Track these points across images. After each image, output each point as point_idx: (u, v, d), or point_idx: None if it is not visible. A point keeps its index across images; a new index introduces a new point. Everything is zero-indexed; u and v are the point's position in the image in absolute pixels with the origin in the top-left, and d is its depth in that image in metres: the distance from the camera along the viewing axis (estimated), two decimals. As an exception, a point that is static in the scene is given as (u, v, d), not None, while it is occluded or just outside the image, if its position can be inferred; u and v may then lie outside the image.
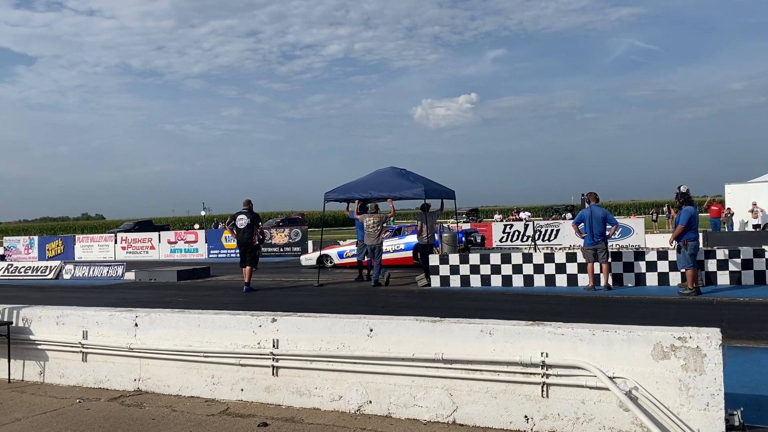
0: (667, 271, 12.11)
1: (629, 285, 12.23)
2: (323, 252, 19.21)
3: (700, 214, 14.19)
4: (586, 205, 12.71)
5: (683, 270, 11.31)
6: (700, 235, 14.01)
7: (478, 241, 18.78)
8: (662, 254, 12.28)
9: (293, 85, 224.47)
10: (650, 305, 10.31)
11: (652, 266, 12.23)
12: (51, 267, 20.31)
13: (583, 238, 12.04)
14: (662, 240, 19.46)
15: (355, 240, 16.81)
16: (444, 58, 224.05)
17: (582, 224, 12.03)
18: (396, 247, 17.79)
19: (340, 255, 18.87)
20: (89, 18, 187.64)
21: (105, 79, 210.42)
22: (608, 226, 12.02)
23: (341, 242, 21.78)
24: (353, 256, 17.33)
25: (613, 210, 77.40)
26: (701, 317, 8.89)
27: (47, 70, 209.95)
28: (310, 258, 20.00)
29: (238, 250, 14.59)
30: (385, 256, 17.23)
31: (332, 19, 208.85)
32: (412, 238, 18.12)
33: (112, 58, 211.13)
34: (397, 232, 18.44)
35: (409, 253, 17.77)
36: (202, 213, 63.40)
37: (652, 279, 12.19)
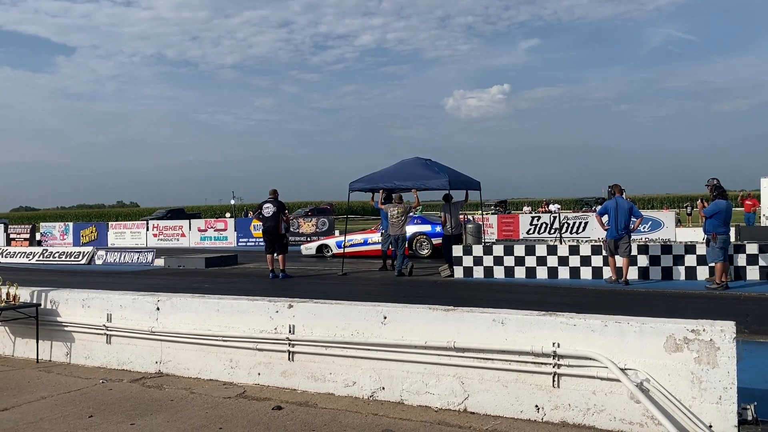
0: (695, 265, 11.91)
1: (656, 278, 12.06)
2: (323, 242, 20.07)
3: (735, 208, 13.86)
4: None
5: (712, 264, 11.11)
6: (732, 229, 13.73)
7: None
8: (690, 248, 12.07)
9: (325, 75, 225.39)
10: (676, 299, 10.16)
11: (679, 260, 12.04)
12: (84, 252, 20.80)
13: (606, 230, 11.85)
14: (693, 234, 19.09)
15: (357, 230, 16.88)
16: (477, 48, 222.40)
17: (606, 216, 11.83)
18: None
19: (338, 245, 19.13)
20: (126, 8, 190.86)
21: (141, 69, 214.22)
22: (633, 219, 11.80)
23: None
24: (351, 246, 17.43)
25: (646, 203, 76.07)
26: (726, 312, 8.71)
27: (85, 60, 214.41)
28: (309, 248, 20.29)
29: (263, 238, 14.78)
30: (381, 247, 17.18)
31: (365, 9, 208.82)
32: (409, 229, 17.98)
33: (148, 49, 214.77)
34: None
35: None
36: (232, 202, 64.15)
37: (679, 273, 12.00)
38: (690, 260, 11.98)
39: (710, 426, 3.98)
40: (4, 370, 6.44)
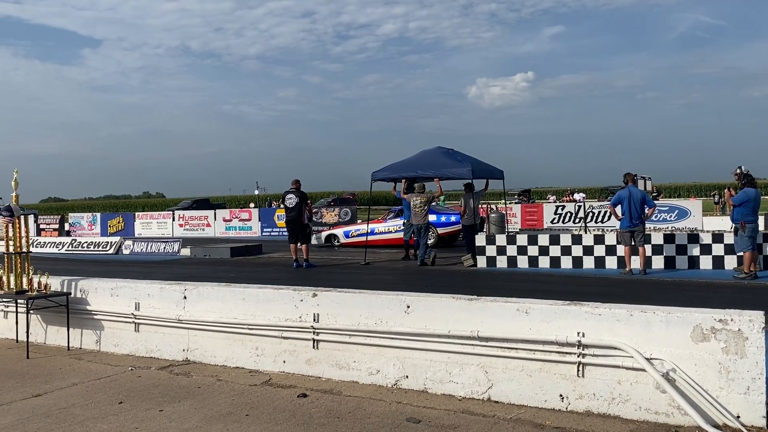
0: (723, 254, 11.72)
1: (682, 268, 11.90)
2: (331, 232, 20.25)
3: (765, 197, 13.60)
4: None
5: (740, 253, 10.93)
6: (761, 218, 13.48)
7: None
8: (717, 237, 11.89)
9: (347, 65, 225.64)
10: (702, 289, 10.03)
11: (706, 249, 11.86)
12: (111, 242, 21.14)
13: (620, 220, 11.67)
14: (721, 223, 18.79)
15: (364, 220, 16.87)
16: (500, 35, 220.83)
17: (620, 206, 11.64)
18: (398, 227, 17.21)
19: (346, 234, 19.28)
20: (151, 0, 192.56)
21: (166, 60, 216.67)
22: (646, 208, 11.59)
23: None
24: (359, 235, 17.43)
25: (673, 192, 74.97)
26: (754, 302, 8.55)
27: (111, 52, 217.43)
28: (318, 237, 20.42)
29: (287, 228, 14.92)
30: (387, 237, 17.02)
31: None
32: None
33: (172, 40, 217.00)
34: (400, 213, 17.91)
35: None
36: (256, 192, 64.51)
37: (706, 262, 11.83)
38: (717, 249, 11.80)
39: (738, 416, 3.95)
40: (36, 357, 6.60)
